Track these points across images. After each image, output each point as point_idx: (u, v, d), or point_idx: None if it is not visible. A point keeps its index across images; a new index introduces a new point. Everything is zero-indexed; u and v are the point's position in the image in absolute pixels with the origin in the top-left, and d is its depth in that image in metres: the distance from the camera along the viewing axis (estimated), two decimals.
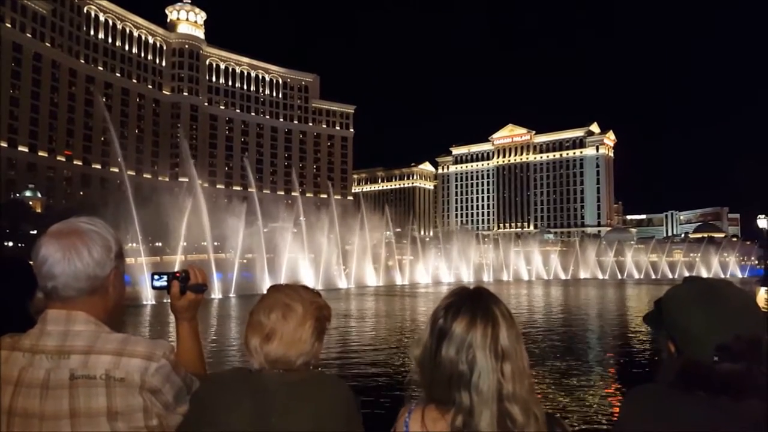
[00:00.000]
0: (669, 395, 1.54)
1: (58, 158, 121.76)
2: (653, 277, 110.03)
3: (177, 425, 1.77)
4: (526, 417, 1.54)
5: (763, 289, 24.60)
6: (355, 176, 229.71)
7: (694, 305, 1.57)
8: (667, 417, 1.50)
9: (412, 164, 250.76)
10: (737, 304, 1.54)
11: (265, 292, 2.01)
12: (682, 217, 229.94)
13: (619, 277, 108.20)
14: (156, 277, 2.16)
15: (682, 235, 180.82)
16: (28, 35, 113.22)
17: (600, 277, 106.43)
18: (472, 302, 1.65)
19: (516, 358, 1.59)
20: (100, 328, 1.73)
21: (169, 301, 2.19)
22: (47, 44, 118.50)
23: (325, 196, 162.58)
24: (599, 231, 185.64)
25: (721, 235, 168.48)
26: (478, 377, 1.54)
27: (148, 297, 37.18)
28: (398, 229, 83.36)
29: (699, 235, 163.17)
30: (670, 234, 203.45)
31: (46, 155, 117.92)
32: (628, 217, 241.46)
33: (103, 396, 1.63)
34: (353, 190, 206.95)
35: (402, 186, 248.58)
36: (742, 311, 1.53)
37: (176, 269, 2.21)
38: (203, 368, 2.15)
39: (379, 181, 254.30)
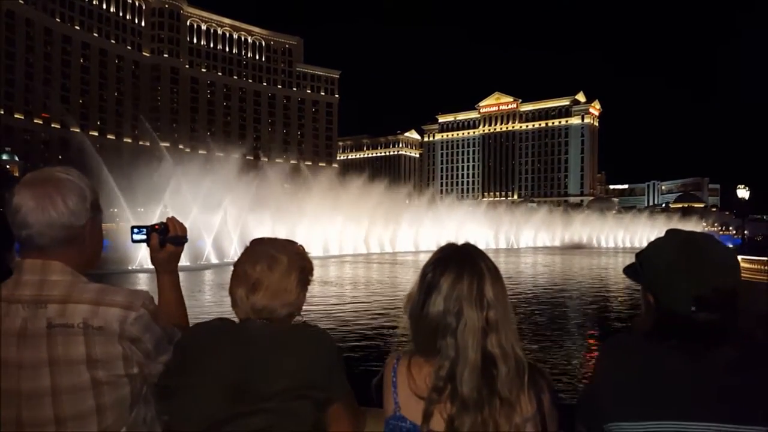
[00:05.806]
0: (643, 344, 1.60)
1: (35, 121, 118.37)
2: (633, 245, 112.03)
3: (158, 374, 1.78)
4: (508, 364, 1.59)
5: (740, 258, 25.46)
6: (340, 143, 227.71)
7: (675, 257, 1.59)
8: (640, 363, 1.56)
9: (398, 132, 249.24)
10: (717, 257, 1.56)
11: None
12: (663, 187, 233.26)
13: (600, 245, 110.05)
14: (135, 230, 2.13)
15: (663, 205, 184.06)
16: None
17: (581, 245, 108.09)
18: (459, 258, 1.70)
19: (500, 309, 1.64)
20: (76, 278, 1.71)
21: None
22: (20, 1, 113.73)
23: (309, 163, 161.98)
24: (582, 200, 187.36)
25: (701, 205, 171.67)
26: (464, 326, 1.60)
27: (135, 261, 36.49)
28: (384, 198, 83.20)
29: (679, 205, 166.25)
30: (651, 203, 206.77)
31: (22, 117, 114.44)
32: (611, 186, 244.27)
33: (82, 344, 1.62)
34: (338, 158, 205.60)
35: (387, 154, 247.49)
36: (721, 264, 1.56)
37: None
38: (186, 320, 2.15)
39: (365, 148, 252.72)
